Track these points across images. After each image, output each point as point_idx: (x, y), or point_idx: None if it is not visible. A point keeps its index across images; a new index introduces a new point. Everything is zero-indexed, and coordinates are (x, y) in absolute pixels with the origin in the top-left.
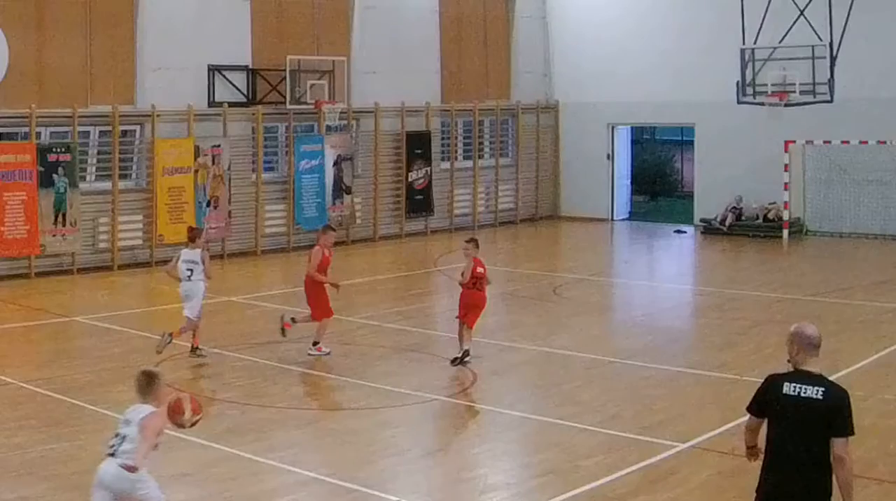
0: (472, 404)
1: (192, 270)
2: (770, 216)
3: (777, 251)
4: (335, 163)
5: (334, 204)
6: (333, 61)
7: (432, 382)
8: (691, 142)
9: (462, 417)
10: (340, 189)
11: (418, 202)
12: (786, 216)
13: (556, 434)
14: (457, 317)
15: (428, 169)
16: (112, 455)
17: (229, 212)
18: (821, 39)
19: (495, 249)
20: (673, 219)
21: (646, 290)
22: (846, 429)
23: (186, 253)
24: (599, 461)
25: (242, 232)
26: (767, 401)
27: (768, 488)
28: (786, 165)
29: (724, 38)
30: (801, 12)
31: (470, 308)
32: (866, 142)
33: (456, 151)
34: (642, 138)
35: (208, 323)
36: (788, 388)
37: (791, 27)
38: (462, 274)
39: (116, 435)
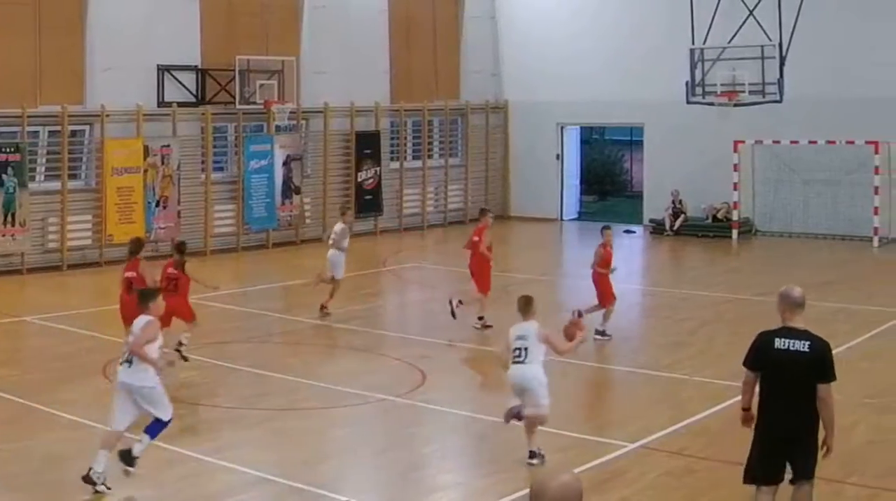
0: (421, 404)
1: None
2: (719, 216)
3: (726, 251)
4: (284, 163)
5: (283, 204)
6: (283, 61)
7: (382, 382)
8: (640, 142)
9: (412, 417)
10: (290, 189)
11: (367, 202)
12: (735, 216)
13: (505, 434)
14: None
15: (377, 169)
16: (521, 362)
17: (178, 211)
18: (770, 39)
19: (444, 249)
20: (622, 218)
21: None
22: (829, 376)
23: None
24: (550, 460)
25: (192, 232)
26: (761, 356)
27: (764, 427)
28: (735, 165)
29: (674, 38)
30: (751, 12)
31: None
32: (815, 142)
33: (405, 151)
34: (591, 138)
35: None
36: (779, 343)
37: (740, 27)
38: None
39: (517, 350)
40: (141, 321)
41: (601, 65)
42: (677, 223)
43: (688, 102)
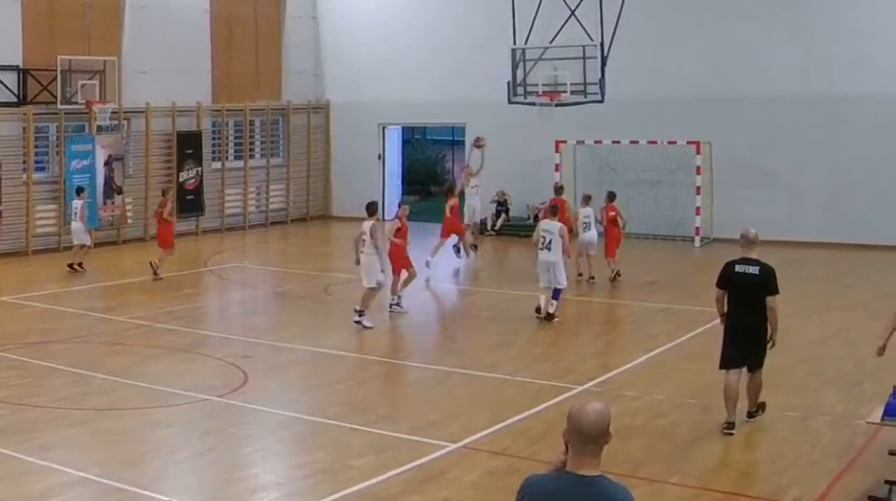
0: (243, 404)
1: None
2: (541, 216)
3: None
4: (106, 163)
5: (105, 204)
6: (104, 61)
7: (204, 382)
8: (462, 142)
9: (233, 417)
10: (111, 189)
11: (189, 202)
12: None
13: (327, 434)
14: None
15: (199, 169)
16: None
17: (0, 211)
18: (591, 40)
19: (266, 249)
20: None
21: (419, 290)
22: (774, 290)
23: None
24: (370, 461)
25: (13, 232)
26: (726, 278)
27: (731, 327)
28: (556, 165)
29: (496, 38)
30: (573, 12)
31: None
32: (637, 143)
33: (227, 151)
34: (413, 138)
35: None
36: (739, 268)
37: (562, 27)
38: None
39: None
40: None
41: (423, 65)
42: (499, 223)
43: (509, 102)
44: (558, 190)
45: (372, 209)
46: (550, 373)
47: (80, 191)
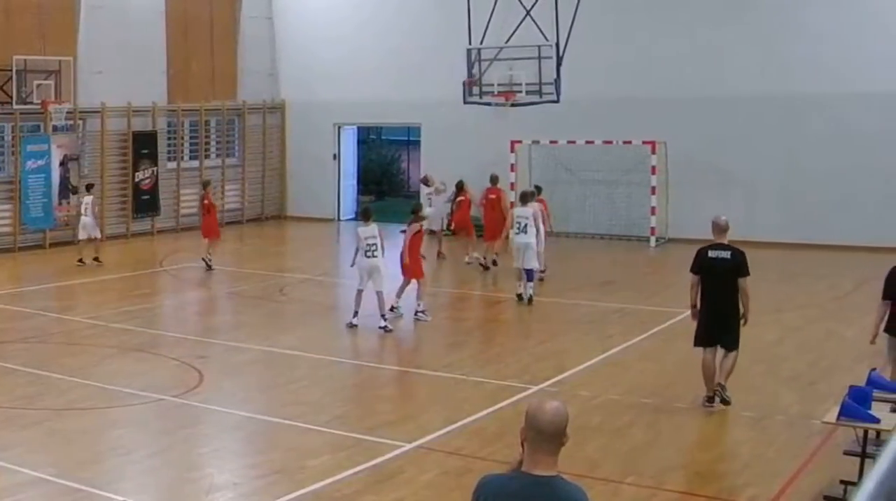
0: (198, 404)
1: None
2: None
3: (501, 251)
4: (62, 163)
5: (61, 204)
6: (60, 61)
7: (159, 382)
8: (418, 142)
9: (189, 417)
10: (67, 189)
11: (145, 202)
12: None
13: (282, 435)
14: None
15: (154, 169)
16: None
17: None
18: (547, 40)
19: (222, 249)
20: (400, 218)
21: (371, 290)
22: (745, 273)
23: None
24: (326, 461)
25: None
26: (699, 264)
27: (705, 309)
28: (512, 165)
29: (451, 38)
30: (528, 12)
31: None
32: (592, 142)
33: (182, 151)
34: (369, 138)
35: None
36: (712, 253)
37: (517, 27)
38: None
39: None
40: None
41: (378, 65)
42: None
43: (465, 102)
44: (494, 179)
45: (368, 214)
46: (506, 373)
47: (89, 187)
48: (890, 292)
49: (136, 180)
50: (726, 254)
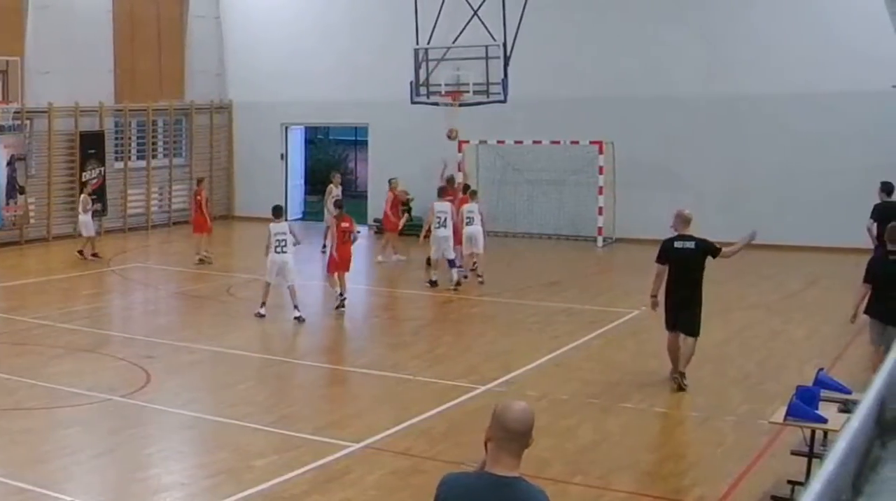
0: (145, 404)
1: None
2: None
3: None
4: (9, 164)
5: (8, 204)
6: (7, 61)
7: (106, 382)
8: (365, 142)
9: (136, 417)
10: (14, 189)
11: (92, 202)
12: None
13: (229, 435)
14: None
15: (102, 169)
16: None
17: None
18: (494, 39)
19: (169, 249)
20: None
21: (318, 290)
22: (715, 253)
23: None
24: (273, 461)
25: None
26: (665, 254)
27: (670, 296)
28: (459, 164)
29: (399, 38)
30: (475, 12)
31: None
32: (540, 142)
33: (129, 151)
34: (316, 138)
35: None
36: (678, 244)
37: (465, 27)
38: None
39: (468, 218)
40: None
41: (326, 65)
42: (401, 222)
43: (412, 102)
44: (450, 180)
45: (280, 212)
46: (453, 373)
47: (85, 185)
48: (870, 276)
49: (84, 180)
50: (691, 244)
